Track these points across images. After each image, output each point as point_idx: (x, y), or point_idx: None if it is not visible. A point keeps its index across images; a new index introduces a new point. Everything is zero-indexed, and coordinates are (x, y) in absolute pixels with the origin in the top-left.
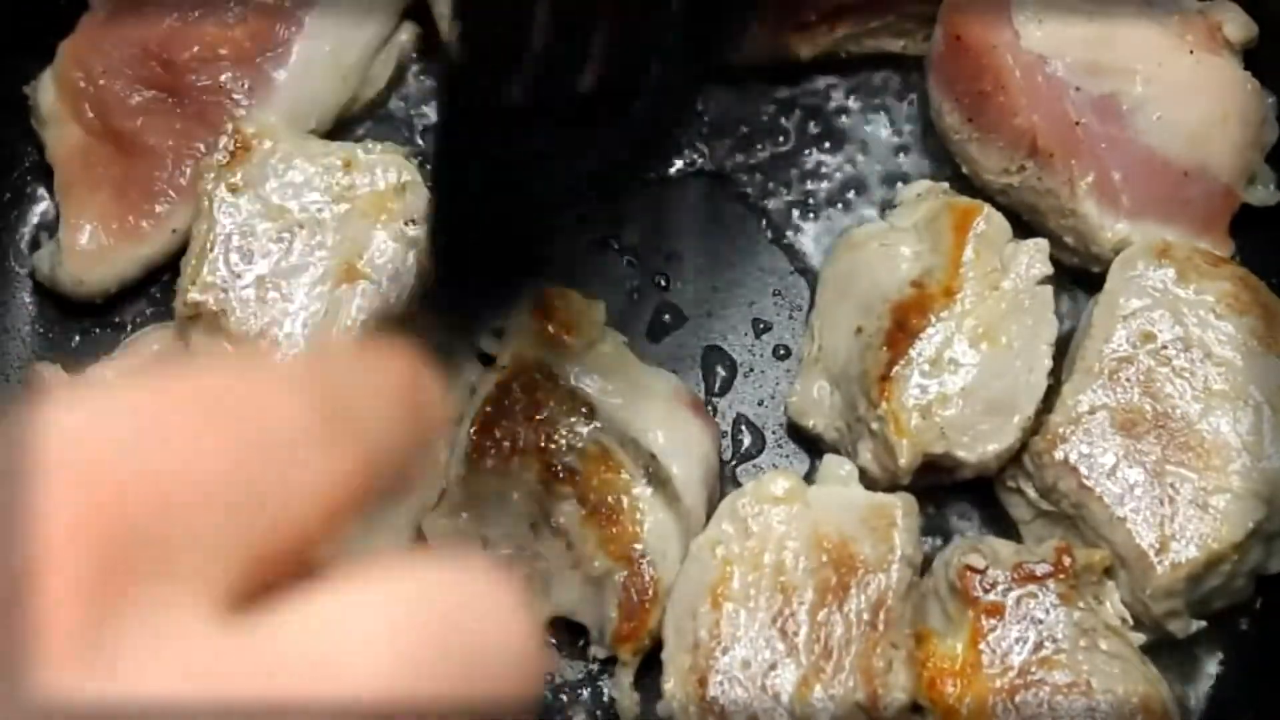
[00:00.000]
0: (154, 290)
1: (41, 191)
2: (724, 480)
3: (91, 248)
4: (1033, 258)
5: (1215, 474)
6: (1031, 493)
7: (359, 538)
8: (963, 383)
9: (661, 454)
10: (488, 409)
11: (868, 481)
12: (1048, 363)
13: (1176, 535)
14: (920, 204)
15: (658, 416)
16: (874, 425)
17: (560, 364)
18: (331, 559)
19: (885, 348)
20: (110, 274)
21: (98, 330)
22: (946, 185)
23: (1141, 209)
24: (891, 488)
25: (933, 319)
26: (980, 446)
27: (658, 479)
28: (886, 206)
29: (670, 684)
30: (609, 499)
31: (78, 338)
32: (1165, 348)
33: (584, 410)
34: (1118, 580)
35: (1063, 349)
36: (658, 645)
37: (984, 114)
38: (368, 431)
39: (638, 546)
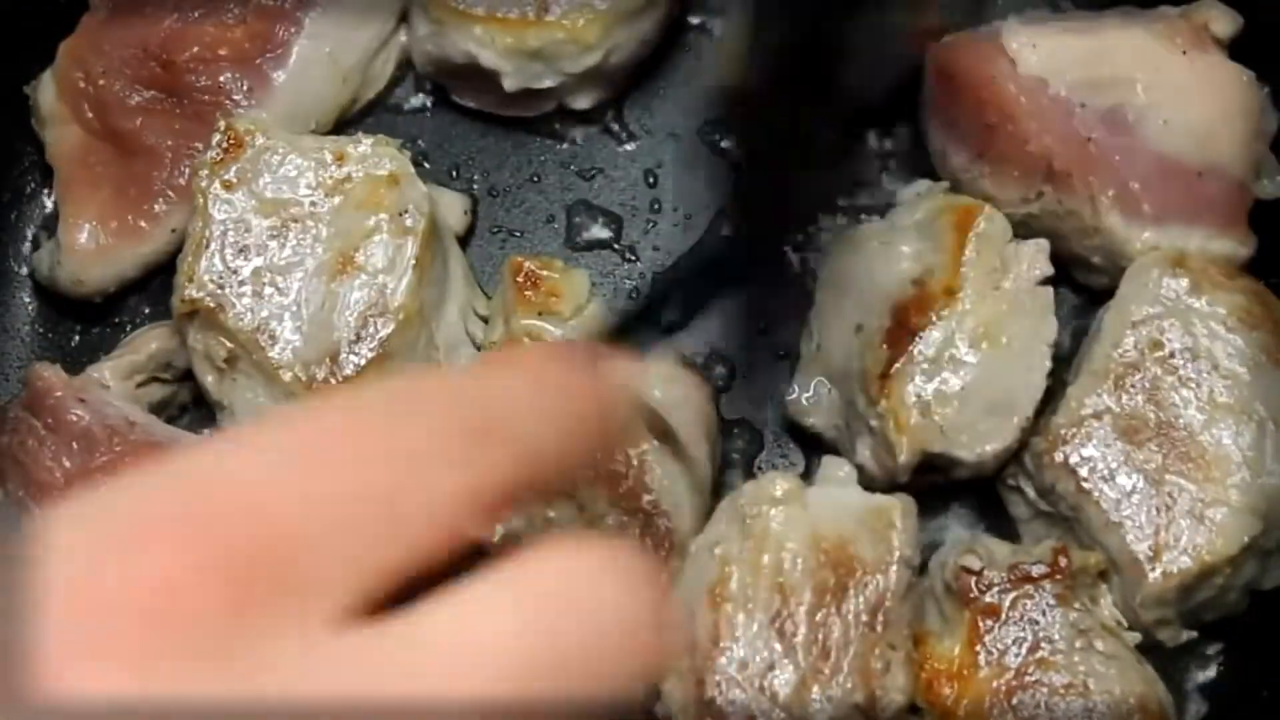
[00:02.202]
0: (153, 289)
1: (41, 191)
2: (724, 481)
3: (90, 247)
4: (1033, 258)
5: (1214, 486)
6: (1031, 492)
7: None
8: (962, 382)
9: (660, 408)
10: None
11: (866, 480)
12: (1047, 363)
13: (1170, 544)
14: (921, 203)
15: (652, 373)
16: (873, 423)
17: (550, 330)
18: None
19: (885, 346)
20: (109, 273)
21: (97, 330)
22: (947, 184)
23: (1163, 214)
24: (890, 487)
25: (933, 318)
26: (979, 446)
27: (660, 433)
28: (887, 206)
29: (668, 684)
30: (615, 456)
31: (77, 338)
32: (1173, 356)
33: None
34: (1111, 585)
35: (1071, 352)
36: None
37: (994, 147)
38: (521, 437)
39: (649, 498)
